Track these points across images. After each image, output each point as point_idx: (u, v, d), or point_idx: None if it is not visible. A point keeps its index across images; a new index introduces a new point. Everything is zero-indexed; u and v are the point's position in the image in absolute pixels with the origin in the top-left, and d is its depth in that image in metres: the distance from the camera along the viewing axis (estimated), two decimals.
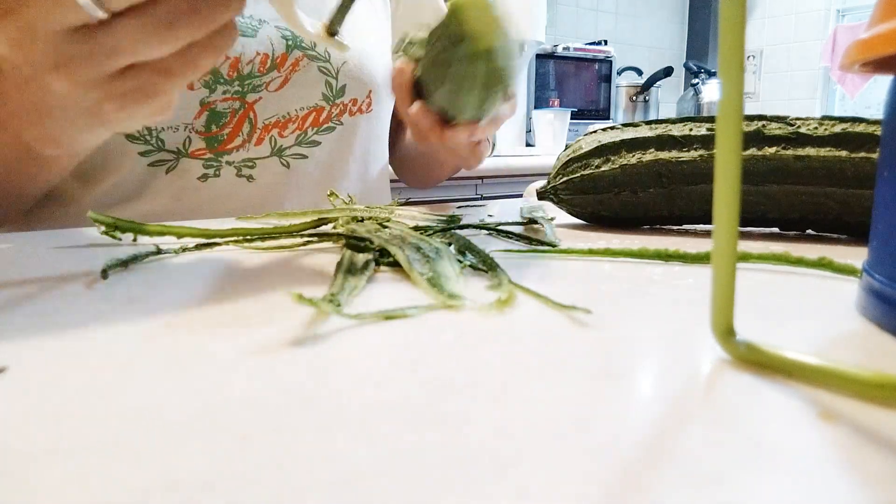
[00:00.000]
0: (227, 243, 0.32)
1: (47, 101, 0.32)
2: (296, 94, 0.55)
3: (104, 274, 0.27)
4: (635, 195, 0.40)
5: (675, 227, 0.42)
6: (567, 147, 0.44)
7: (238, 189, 0.55)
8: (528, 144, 1.98)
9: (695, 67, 2.53)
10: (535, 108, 1.97)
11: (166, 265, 0.30)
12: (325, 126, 0.58)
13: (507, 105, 0.47)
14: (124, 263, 0.28)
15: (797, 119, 0.37)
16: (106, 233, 0.34)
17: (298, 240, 0.35)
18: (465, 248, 0.31)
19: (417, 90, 0.45)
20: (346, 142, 0.60)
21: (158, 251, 0.31)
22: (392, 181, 0.76)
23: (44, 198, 0.50)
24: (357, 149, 0.61)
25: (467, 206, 0.55)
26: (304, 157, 0.57)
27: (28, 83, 0.32)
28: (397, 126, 0.72)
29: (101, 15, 0.27)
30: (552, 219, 0.41)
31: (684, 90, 2.66)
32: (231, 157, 0.54)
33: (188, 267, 0.30)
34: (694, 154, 0.38)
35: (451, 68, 0.38)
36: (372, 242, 0.31)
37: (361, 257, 0.28)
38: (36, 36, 0.29)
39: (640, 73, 2.51)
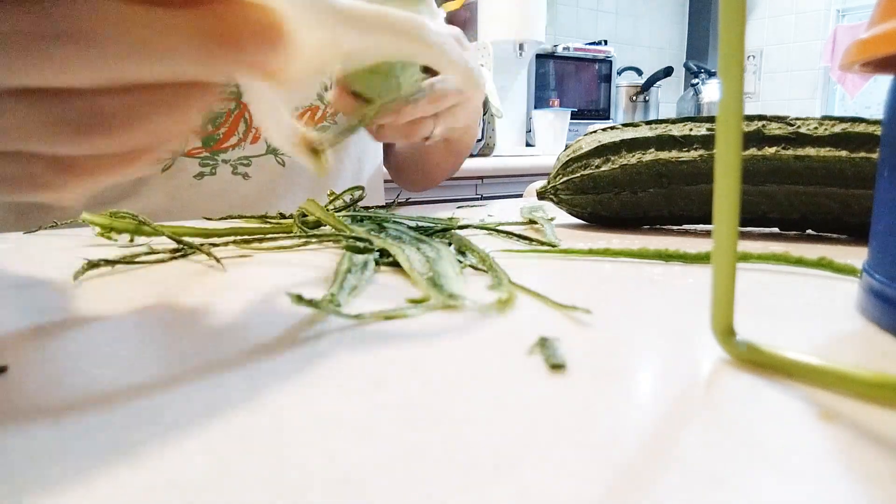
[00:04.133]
0: (225, 244, 0.32)
1: None
2: (290, 93, 0.55)
3: (82, 272, 0.27)
4: (635, 195, 0.40)
5: (675, 227, 0.42)
6: (567, 147, 0.44)
7: (234, 187, 0.55)
8: (528, 144, 1.98)
9: (695, 67, 2.52)
10: (535, 108, 1.97)
11: (165, 264, 0.30)
12: (320, 125, 0.58)
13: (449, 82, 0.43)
14: (110, 263, 0.28)
15: (797, 119, 0.37)
16: (102, 234, 0.34)
17: (298, 240, 0.35)
18: (465, 248, 0.31)
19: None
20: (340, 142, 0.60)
21: (152, 251, 0.31)
22: (389, 181, 0.76)
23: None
24: (352, 148, 0.61)
25: (467, 206, 0.55)
26: None
27: None
28: None
29: None
30: (552, 219, 0.41)
31: (684, 90, 2.65)
32: (227, 156, 0.54)
33: (187, 266, 0.30)
34: (694, 154, 0.38)
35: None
36: (371, 243, 0.31)
37: (361, 257, 0.28)
38: None
39: (640, 73, 2.50)
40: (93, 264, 0.27)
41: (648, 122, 0.41)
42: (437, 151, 0.64)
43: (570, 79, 2.14)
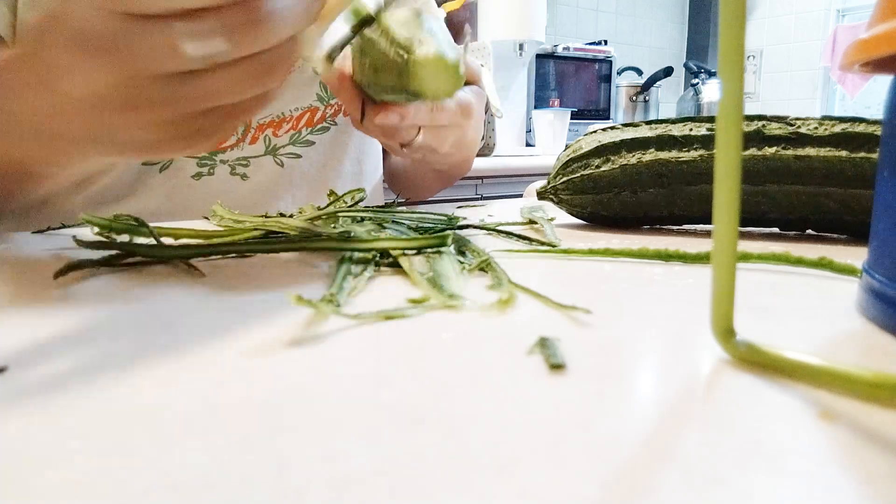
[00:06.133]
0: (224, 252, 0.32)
1: (88, 132, 0.28)
2: (290, 94, 0.55)
3: (63, 272, 0.26)
4: (635, 195, 0.40)
5: (675, 227, 0.42)
6: (567, 147, 0.44)
7: (232, 188, 0.55)
8: (528, 144, 1.98)
9: (695, 67, 2.52)
10: (535, 108, 1.97)
11: (164, 265, 0.30)
12: (320, 126, 0.58)
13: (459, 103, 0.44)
14: (96, 265, 0.28)
15: (797, 119, 0.37)
16: (100, 235, 0.34)
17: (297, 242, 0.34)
18: (464, 248, 0.31)
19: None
20: (340, 142, 0.60)
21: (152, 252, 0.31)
22: None
23: (36, 197, 0.50)
24: (351, 149, 0.61)
25: (467, 206, 0.55)
26: (299, 156, 0.57)
27: (68, 113, 0.27)
28: None
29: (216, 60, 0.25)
30: (552, 219, 0.41)
31: (684, 90, 2.65)
32: (225, 156, 0.54)
33: (185, 267, 0.29)
34: (694, 154, 0.38)
35: (391, 87, 0.35)
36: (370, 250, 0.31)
37: (361, 257, 0.28)
38: (124, 77, 0.25)
39: (640, 73, 2.50)
40: (73, 265, 0.27)
41: (648, 122, 0.41)
42: (428, 174, 0.66)
43: (570, 79, 2.14)
